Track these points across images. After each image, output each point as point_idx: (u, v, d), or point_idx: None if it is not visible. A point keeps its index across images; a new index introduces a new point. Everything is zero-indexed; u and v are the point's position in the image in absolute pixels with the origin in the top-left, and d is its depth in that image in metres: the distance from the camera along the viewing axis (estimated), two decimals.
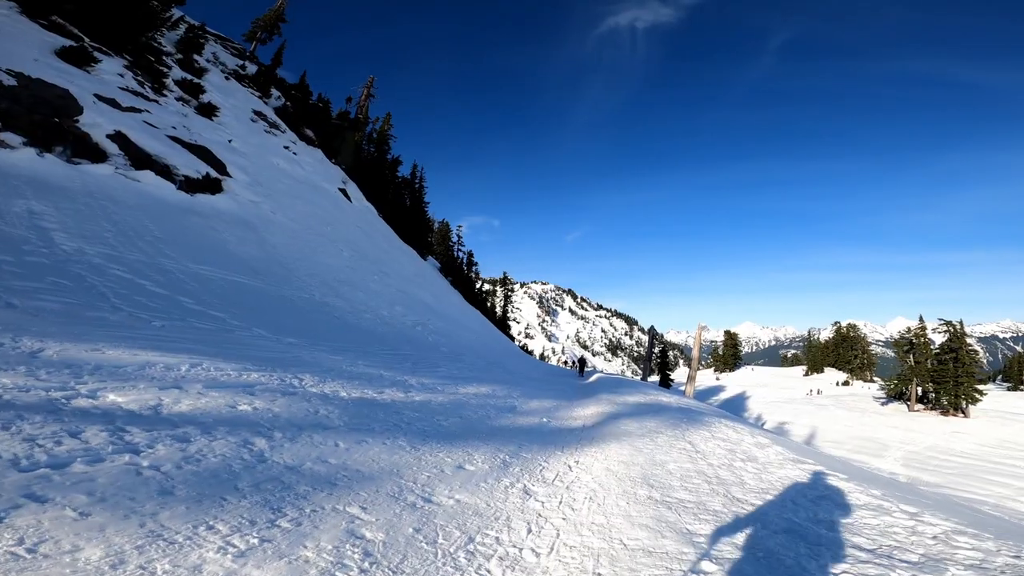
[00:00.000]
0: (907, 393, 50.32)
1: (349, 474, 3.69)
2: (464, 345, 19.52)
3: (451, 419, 6.36)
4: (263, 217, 17.11)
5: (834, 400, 55.95)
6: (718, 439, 7.66)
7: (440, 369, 11.14)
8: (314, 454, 3.85)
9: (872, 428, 41.29)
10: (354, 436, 4.46)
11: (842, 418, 45.15)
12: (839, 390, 67.59)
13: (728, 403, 59.15)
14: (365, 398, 6.15)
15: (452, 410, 6.98)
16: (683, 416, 9.73)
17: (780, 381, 76.92)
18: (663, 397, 14.31)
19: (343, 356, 8.79)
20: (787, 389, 69.22)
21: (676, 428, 8.12)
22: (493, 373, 14.74)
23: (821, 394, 63.25)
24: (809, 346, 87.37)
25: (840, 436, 38.54)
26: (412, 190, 40.68)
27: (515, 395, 10.58)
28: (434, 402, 7.17)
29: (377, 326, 14.22)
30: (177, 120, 19.00)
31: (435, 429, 5.56)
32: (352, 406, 5.49)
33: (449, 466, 4.36)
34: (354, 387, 6.60)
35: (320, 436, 4.24)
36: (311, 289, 14.03)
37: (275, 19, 32.50)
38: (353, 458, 4.00)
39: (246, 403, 4.57)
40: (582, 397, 13.10)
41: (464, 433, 5.75)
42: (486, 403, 8.39)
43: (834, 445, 34.77)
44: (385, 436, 4.74)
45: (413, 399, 6.98)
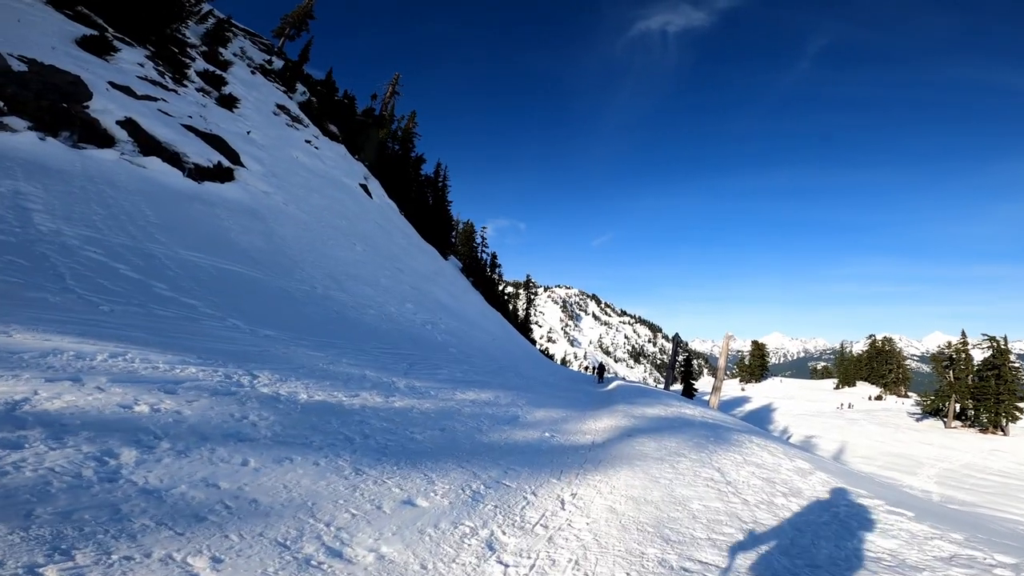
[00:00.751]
0: (944, 409, 47.82)
1: (237, 505, 2.63)
2: (477, 347, 18.45)
3: (430, 432, 5.25)
4: (274, 208, 16.42)
5: (866, 415, 53.58)
6: (751, 464, 6.35)
7: (440, 371, 10.06)
8: (201, 474, 2.81)
9: (906, 444, 39.12)
10: (278, 452, 3.40)
11: (874, 433, 42.94)
12: (871, 404, 64.52)
13: (753, 415, 56.59)
14: (327, 402, 5.10)
15: (436, 420, 5.87)
16: (709, 433, 8.41)
17: (809, 393, 73.98)
18: (686, 409, 12.93)
19: (326, 353, 7.80)
20: (816, 402, 66.56)
21: (701, 449, 6.84)
22: (503, 377, 13.61)
23: (852, 408, 60.71)
24: (841, 359, 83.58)
25: (871, 452, 36.68)
26: (435, 188, 39.94)
27: (520, 403, 9.42)
28: (416, 410, 6.07)
29: (381, 323, 13.27)
30: (194, 110, 18.55)
31: (400, 445, 4.45)
32: (301, 412, 4.44)
33: (393, 499, 3.24)
34: (321, 389, 5.57)
35: (228, 449, 3.20)
36: (314, 282, 13.18)
37: (303, 15, 32.27)
38: (258, 482, 2.93)
39: (149, 403, 3.57)
40: (597, 407, 11.82)
41: (439, 451, 4.63)
42: (482, 412, 7.26)
43: (864, 461, 33.25)
44: (324, 453, 3.66)
45: (391, 405, 5.90)
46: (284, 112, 25.87)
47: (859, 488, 5.71)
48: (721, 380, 28.80)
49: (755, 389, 78.44)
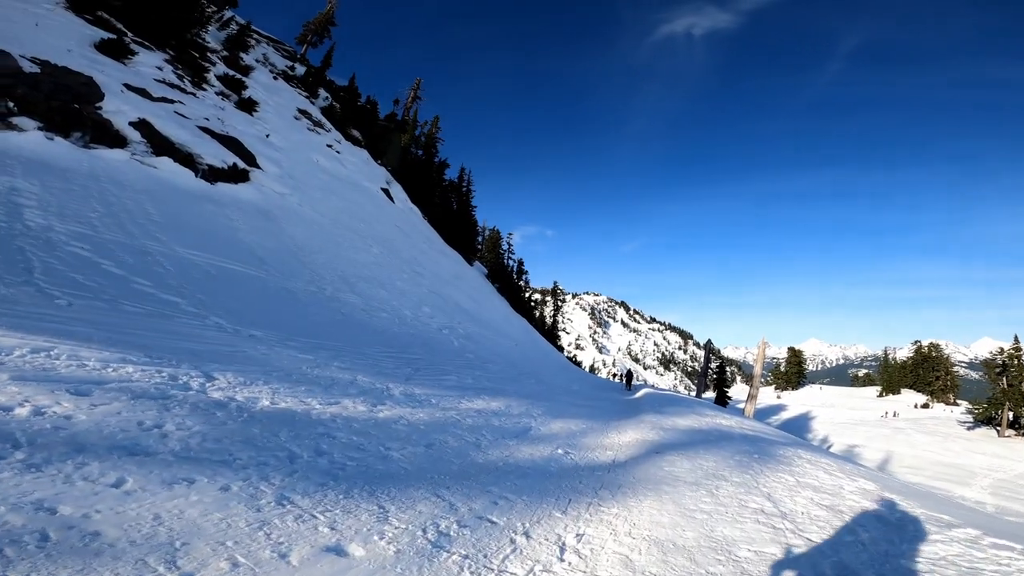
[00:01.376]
0: (997, 417, 45.59)
1: (61, 538, 1.82)
2: (497, 353, 17.53)
3: (411, 449, 4.35)
4: (288, 209, 15.95)
5: (912, 423, 50.71)
6: (807, 487, 5.22)
7: (449, 378, 9.18)
8: (40, 494, 2.01)
9: (956, 454, 37.37)
10: (177, 471, 2.56)
11: (921, 443, 40.80)
12: (918, 413, 61.11)
13: (790, 424, 53.94)
14: (291, 411, 4.27)
15: (425, 434, 4.97)
16: (751, 449, 7.25)
17: (850, 401, 70.56)
18: (722, 419, 11.68)
19: (317, 355, 7.01)
20: (858, 410, 63.45)
21: (744, 470, 5.72)
22: (521, 384, 12.65)
23: (897, 416, 57.68)
24: (884, 365, 79.45)
25: (919, 462, 35.03)
26: (459, 193, 39.38)
27: (535, 413, 8.43)
28: (405, 421, 5.19)
29: (392, 326, 12.50)
30: (212, 112, 18.34)
31: (363, 466, 3.56)
32: (244, 422, 3.60)
33: (312, 544, 2.32)
34: (291, 394, 4.75)
35: (105, 465, 2.39)
36: (323, 283, 12.54)
37: (325, 22, 32.32)
38: (120, 509, 2.10)
39: (39, 405, 2.81)
40: (622, 417, 10.71)
41: (414, 474, 3.72)
42: (487, 423, 6.32)
43: (912, 471, 31.24)
44: (245, 475, 2.79)
45: (374, 415, 5.03)
46: (305, 117, 25.69)
47: (949, 515, 4.53)
48: (757, 388, 27.12)
49: (791, 397, 75.40)
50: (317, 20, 32.26)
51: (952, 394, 71.37)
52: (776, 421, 56.44)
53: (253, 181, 16.25)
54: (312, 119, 26.08)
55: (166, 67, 19.16)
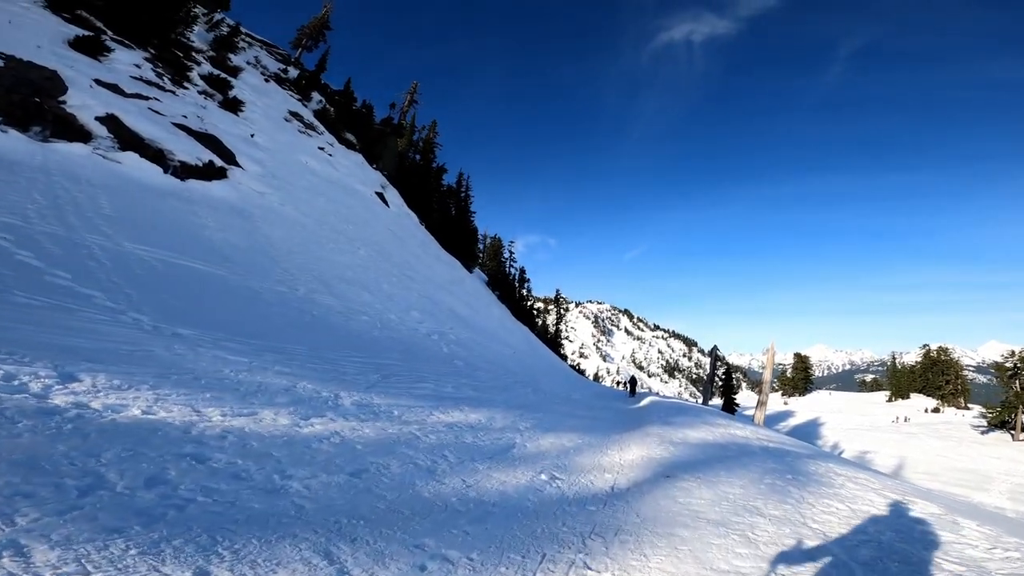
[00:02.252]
0: (1011, 421, 43.44)
1: None
2: (491, 360, 16.27)
3: (325, 478, 3.12)
4: (267, 208, 14.84)
5: (924, 428, 49.02)
6: (865, 519, 3.95)
7: (424, 386, 7.93)
8: None
9: (971, 459, 35.75)
10: None
11: (935, 448, 39.16)
12: (929, 418, 59.25)
13: (799, 430, 52.18)
14: (157, 423, 3.06)
15: (359, 456, 3.74)
16: (779, 466, 5.96)
17: (859, 407, 68.66)
18: (736, 429, 10.34)
19: (256, 358, 5.79)
20: (867, 416, 61.70)
21: (781, 497, 4.45)
22: (512, 394, 11.38)
23: (908, 421, 55.87)
24: (893, 370, 77.50)
25: (934, 467, 33.60)
26: (457, 199, 38.27)
27: (523, 426, 7.17)
28: (337, 439, 3.96)
29: (372, 330, 11.30)
30: (191, 110, 17.36)
31: (222, 504, 2.35)
32: (61, 435, 2.39)
33: None
34: (183, 402, 3.55)
35: None
36: (296, 283, 11.37)
37: (320, 26, 31.54)
38: None
39: None
40: (625, 429, 9.39)
41: (307, 517, 2.49)
42: (455, 441, 5.08)
43: (927, 477, 29.65)
44: None
45: (294, 432, 3.81)
46: (297, 119, 24.74)
47: None
48: (767, 394, 25.70)
49: (799, 403, 73.52)
50: (312, 24, 31.48)
51: (964, 398, 69.54)
52: (785, 428, 54.73)
53: (230, 179, 15.19)
54: (304, 121, 25.11)
55: (145, 65, 18.24)
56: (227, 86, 20.25)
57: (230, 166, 15.78)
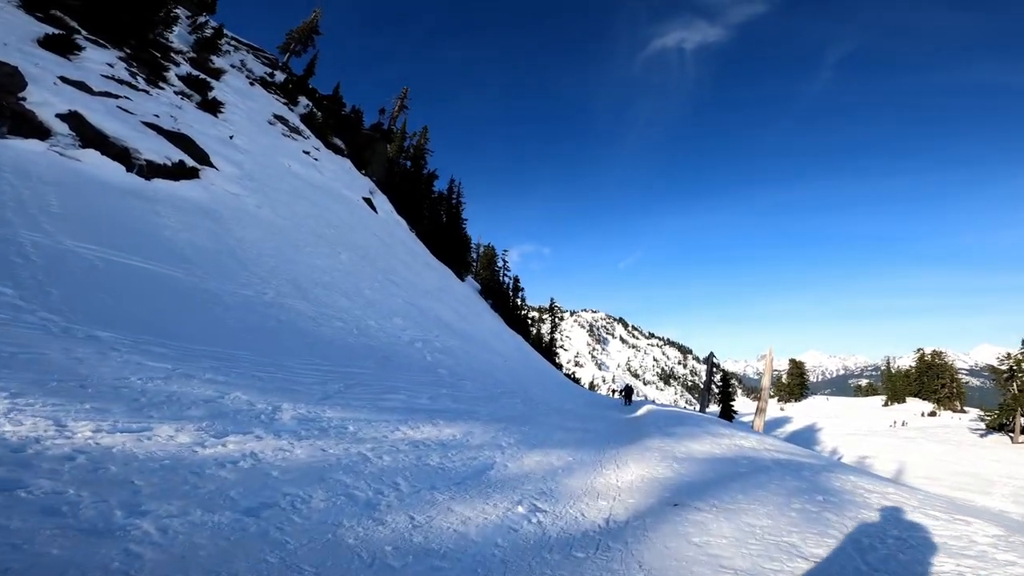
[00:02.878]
0: (1009, 424, 42.90)
1: None
2: (479, 369, 15.31)
3: (198, 517, 2.19)
4: (239, 209, 13.92)
5: (922, 432, 48.33)
6: (931, 553, 3.05)
7: (394, 397, 6.98)
8: None
9: (972, 462, 35.16)
10: None
11: (935, 452, 38.64)
12: (926, 421, 58.62)
13: (796, 436, 51.33)
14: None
15: (267, 488, 2.81)
16: (802, 484, 5.04)
17: (855, 412, 68.03)
18: (741, 439, 9.40)
19: (184, 364, 4.85)
20: (864, 420, 60.99)
21: (819, 529, 3.52)
22: (499, 405, 10.42)
23: (906, 426, 55.17)
24: (888, 375, 76.88)
25: (935, 472, 32.96)
26: (449, 206, 37.39)
27: (507, 442, 6.22)
28: (246, 463, 3.04)
29: (346, 336, 10.35)
30: (165, 110, 16.48)
31: None
32: None
33: None
34: (46, 414, 2.62)
35: None
36: (265, 287, 10.43)
37: (309, 31, 30.84)
38: None
39: None
40: (622, 442, 8.43)
41: None
42: (415, 464, 4.14)
43: (929, 482, 29.00)
44: None
45: (189, 454, 2.88)
46: (281, 122, 23.90)
47: None
48: (766, 401, 24.78)
49: (795, 409, 72.75)
50: (301, 29, 30.78)
51: (959, 401, 68.97)
52: (782, 434, 53.85)
53: (202, 180, 14.29)
54: (289, 125, 24.27)
55: (119, 64, 17.39)
56: (207, 87, 19.40)
57: (203, 167, 14.88)
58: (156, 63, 18.88)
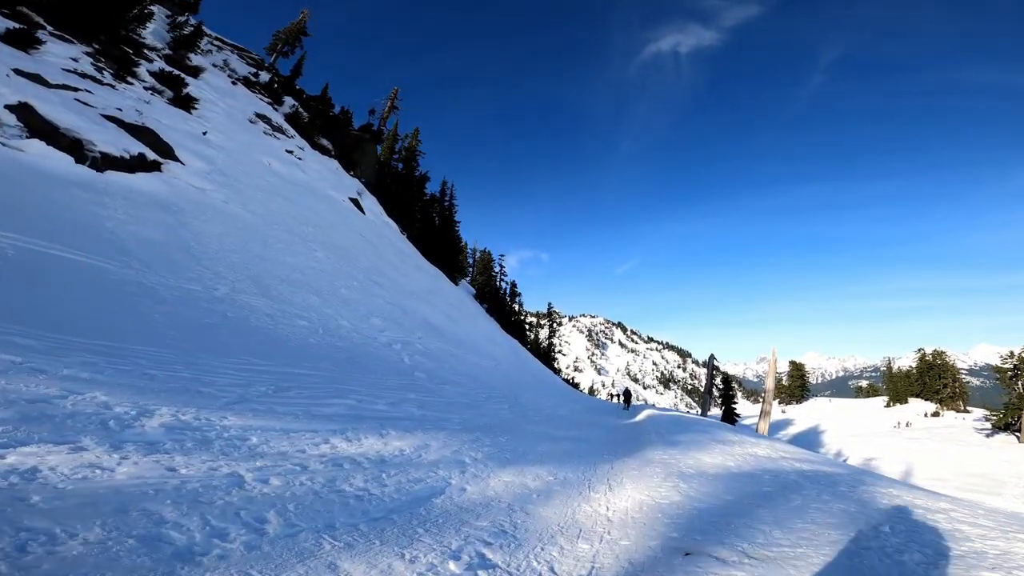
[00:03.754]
0: (1015, 423, 41.73)
1: None
2: (465, 373, 14.06)
3: None
4: (204, 204, 12.75)
5: (927, 432, 46.99)
6: None
7: (339, 402, 5.75)
8: None
9: (980, 463, 34.00)
10: None
11: (941, 452, 37.33)
12: (931, 422, 57.30)
13: (800, 438, 49.85)
14: None
15: (11, 522, 1.58)
16: (844, 503, 3.84)
17: (857, 413, 66.50)
18: (752, 447, 8.14)
19: (37, 359, 3.64)
20: (867, 421, 59.50)
21: None
22: (479, 411, 9.17)
23: (910, 426, 53.72)
24: (889, 375, 75.38)
25: (942, 472, 31.80)
26: (441, 208, 36.21)
27: (473, 456, 4.99)
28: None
29: (308, 336, 9.13)
30: (131, 104, 15.37)
31: None
32: None
33: None
34: None
35: None
36: (218, 282, 9.23)
37: (297, 32, 29.87)
38: None
39: None
40: (618, 454, 7.17)
41: None
42: (322, 489, 2.93)
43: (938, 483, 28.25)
44: None
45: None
46: (264, 121, 22.81)
47: None
48: (770, 403, 23.44)
49: (797, 411, 71.20)
50: (288, 29, 29.80)
51: (962, 401, 67.55)
52: (785, 436, 52.44)
53: (165, 173, 13.14)
54: (271, 124, 23.17)
55: (84, 59, 16.32)
56: (181, 83, 18.31)
57: (167, 160, 13.74)
58: (127, 59, 17.82)
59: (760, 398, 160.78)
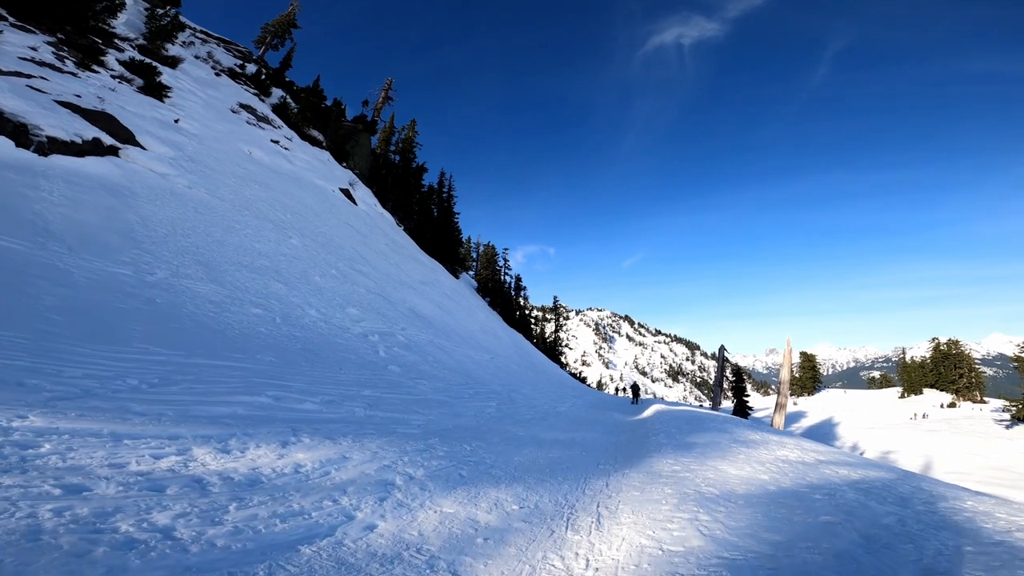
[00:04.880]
0: None
1: None
2: (452, 367, 12.78)
3: None
4: (163, 189, 11.57)
5: (946, 424, 45.17)
6: None
7: (248, 399, 4.50)
8: None
9: (1002, 455, 32.66)
10: None
11: (961, 445, 35.80)
12: (947, 413, 54.99)
13: (813, 431, 47.92)
14: None
15: None
16: (959, 538, 2.51)
17: (872, 405, 64.06)
18: (778, 446, 6.79)
19: None
20: (882, 413, 57.19)
21: None
22: (452, 410, 7.90)
23: (927, 418, 51.43)
24: (903, 366, 72.66)
25: (964, 466, 30.61)
26: (440, 199, 34.83)
27: (406, 476, 3.72)
28: None
29: (256, 325, 7.91)
30: (92, 91, 14.23)
31: None
32: None
33: None
34: None
35: None
36: (157, 267, 8.04)
37: (286, 25, 28.67)
38: None
39: None
40: (616, 464, 5.79)
41: None
42: (72, 549, 1.64)
43: (959, 476, 26.29)
44: None
45: None
46: (248, 111, 21.65)
47: None
48: (786, 396, 21.78)
49: (809, 403, 68.92)
50: (277, 22, 28.62)
51: (978, 391, 64.91)
52: (798, 429, 50.58)
53: (122, 158, 11.99)
54: (257, 114, 22.01)
55: (45, 48, 15.20)
56: (153, 72, 17.18)
57: (126, 146, 12.60)
58: (94, 48, 16.71)
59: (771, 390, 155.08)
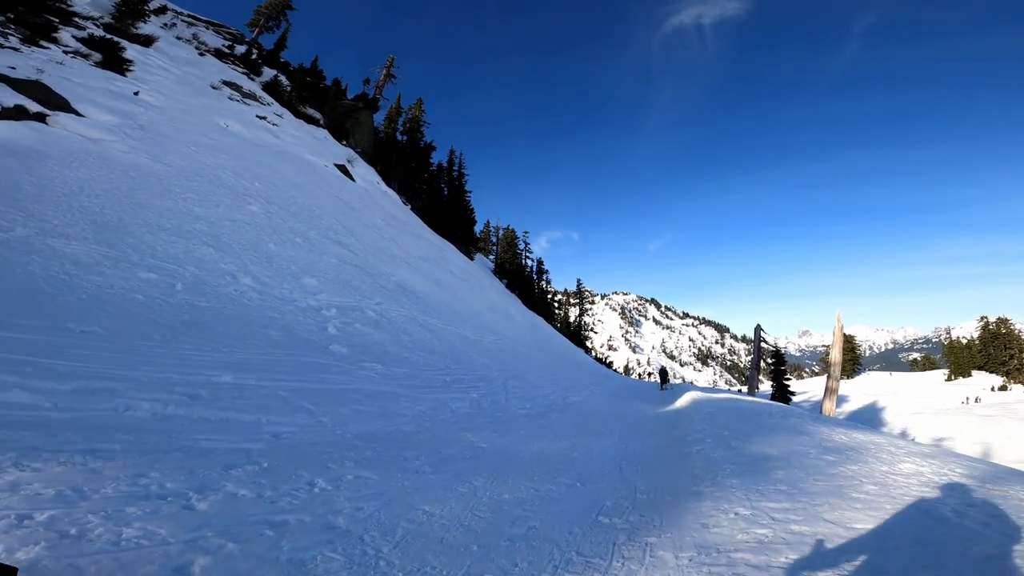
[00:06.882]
0: None
1: None
2: (433, 348, 10.64)
3: None
4: (87, 152, 9.76)
5: (1001, 409, 39.90)
6: None
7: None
8: None
9: None
10: None
11: (1021, 432, 31.39)
12: (1002, 397, 49.65)
13: (857, 416, 43.69)
14: None
15: None
16: None
17: (917, 388, 58.41)
18: (909, 461, 4.35)
19: None
20: (928, 397, 51.68)
21: None
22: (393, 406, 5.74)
23: (980, 402, 46.17)
24: (950, 347, 66.16)
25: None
26: (451, 178, 32.64)
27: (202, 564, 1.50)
28: None
29: (134, 292, 5.94)
30: (33, 64, 12.57)
31: None
32: None
33: None
34: None
35: None
36: (20, 226, 6.12)
37: (281, 6, 26.88)
38: None
39: None
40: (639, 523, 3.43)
41: None
42: None
43: None
44: None
45: None
46: (232, 88, 19.96)
47: None
48: (837, 380, 18.62)
49: (850, 386, 63.75)
50: (271, 3, 26.87)
51: None
52: (841, 414, 46.30)
53: (47, 124, 10.24)
54: (243, 91, 20.31)
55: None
56: (115, 48, 15.59)
57: (56, 112, 10.88)
58: (47, 26, 15.16)
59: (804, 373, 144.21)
